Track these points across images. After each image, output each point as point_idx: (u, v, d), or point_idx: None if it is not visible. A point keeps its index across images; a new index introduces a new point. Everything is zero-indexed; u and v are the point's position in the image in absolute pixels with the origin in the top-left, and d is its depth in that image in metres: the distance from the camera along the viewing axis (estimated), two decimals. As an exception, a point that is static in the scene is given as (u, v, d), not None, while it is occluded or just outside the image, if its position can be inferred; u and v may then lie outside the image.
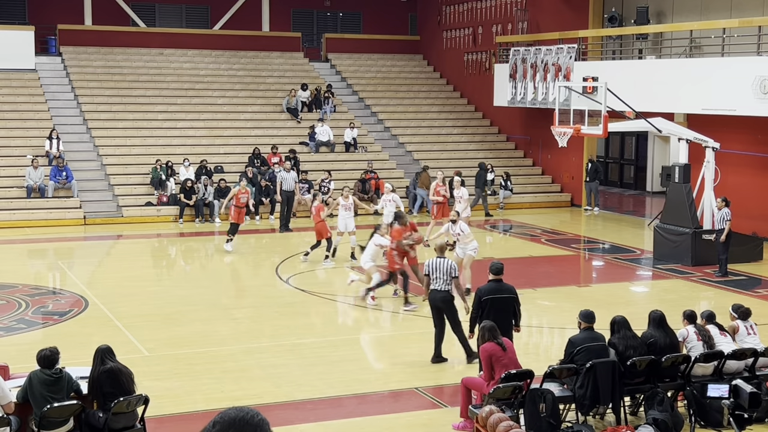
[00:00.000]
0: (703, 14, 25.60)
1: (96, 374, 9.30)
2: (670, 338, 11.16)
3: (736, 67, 22.26)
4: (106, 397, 9.19)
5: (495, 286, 11.93)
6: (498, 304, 11.73)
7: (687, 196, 20.61)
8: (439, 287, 12.93)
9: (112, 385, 9.23)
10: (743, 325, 11.67)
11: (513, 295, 11.92)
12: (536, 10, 31.46)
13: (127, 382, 9.36)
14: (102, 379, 9.25)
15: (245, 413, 3.09)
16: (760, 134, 23.34)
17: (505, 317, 11.60)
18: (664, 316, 11.36)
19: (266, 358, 13.40)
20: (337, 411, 11.39)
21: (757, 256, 20.68)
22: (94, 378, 9.31)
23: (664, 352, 10.83)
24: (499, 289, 11.92)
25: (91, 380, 9.35)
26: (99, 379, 9.26)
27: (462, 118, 34.09)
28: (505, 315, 11.65)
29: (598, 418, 10.82)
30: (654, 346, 10.94)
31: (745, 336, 11.56)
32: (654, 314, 11.38)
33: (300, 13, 38.53)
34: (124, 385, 9.29)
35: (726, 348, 11.12)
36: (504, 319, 11.50)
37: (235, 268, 21.38)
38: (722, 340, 11.30)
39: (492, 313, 11.47)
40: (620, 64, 26.94)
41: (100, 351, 9.45)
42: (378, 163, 29.86)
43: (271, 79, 33.84)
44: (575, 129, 20.37)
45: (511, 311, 11.86)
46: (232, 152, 29.26)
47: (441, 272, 12.91)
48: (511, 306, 11.87)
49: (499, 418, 8.63)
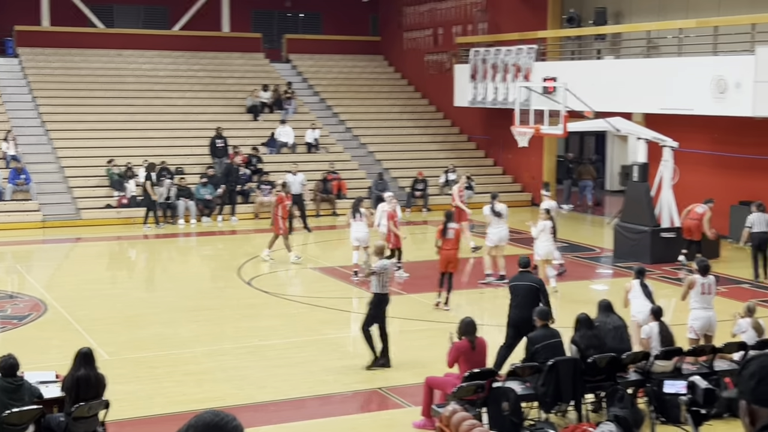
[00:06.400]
0: (660, 15, 25.88)
1: (74, 377, 9.21)
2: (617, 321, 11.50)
3: (693, 67, 22.54)
4: (76, 402, 9.11)
5: (519, 276, 12.81)
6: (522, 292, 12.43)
7: (646, 194, 20.82)
8: (386, 291, 12.95)
9: (87, 391, 9.16)
10: (700, 281, 12.05)
11: (537, 285, 12.52)
12: (496, 11, 31.62)
13: (99, 390, 9.29)
14: (80, 383, 9.17)
15: (221, 418, 3.05)
16: (718, 133, 23.65)
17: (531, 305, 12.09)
18: (610, 304, 11.67)
19: (228, 360, 13.34)
20: (300, 412, 11.37)
21: (715, 253, 20.93)
22: (71, 380, 9.22)
23: (612, 334, 11.10)
24: (523, 279, 12.65)
25: (68, 381, 9.26)
26: (78, 383, 9.17)
27: (423, 119, 34.16)
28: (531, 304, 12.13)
29: (560, 415, 10.91)
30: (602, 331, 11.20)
31: (699, 294, 12.05)
32: (602, 302, 11.74)
33: (260, 14, 38.38)
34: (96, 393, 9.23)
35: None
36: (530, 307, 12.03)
37: (196, 270, 21.26)
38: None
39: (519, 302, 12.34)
40: (579, 65, 27.16)
41: (82, 354, 9.37)
42: (340, 164, 29.82)
43: (232, 80, 33.68)
44: (535, 129, 20.50)
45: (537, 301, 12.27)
46: (193, 153, 29.08)
47: (389, 275, 12.93)
48: (535, 295, 12.32)
49: (462, 417, 8.66)
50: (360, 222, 19.00)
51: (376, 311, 12.88)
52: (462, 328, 10.63)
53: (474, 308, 16.68)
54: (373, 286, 12.95)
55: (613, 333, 11.26)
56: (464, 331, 10.59)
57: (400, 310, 17.24)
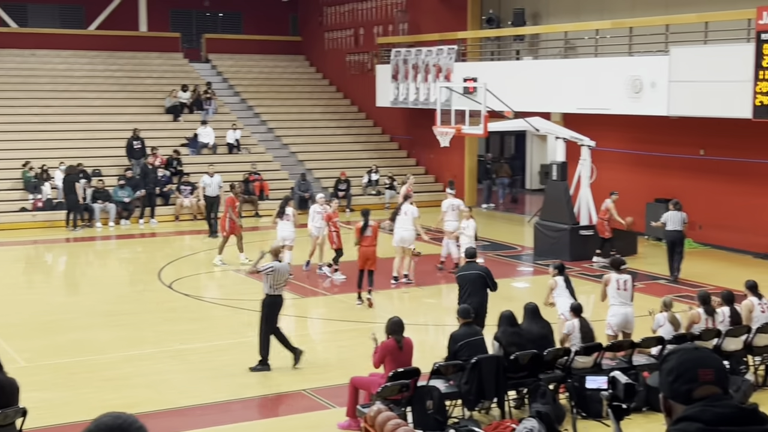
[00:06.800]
0: (577, 16, 26.31)
1: None
2: (544, 329, 11.58)
3: (609, 68, 22.96)
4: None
5: (467, 266, 13.47)
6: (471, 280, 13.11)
7: (564, 193, 21.15)
8: (279, 292, 12.87)
9: (0, 398, 8.91)
10: (615, 277, 12.30)
11: (484, 273, 13.20)
12: (416, 11, 31.77)
13: (12, 396, 9.03)
14: None
15: (123, 420, 2.93)
16: (633, 132, 24.14)
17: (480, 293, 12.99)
18: (537, 308, 11.79)
19: (149, 365, 13.13)
20: (223, 416, 11.25)
21: (633, 250, 21.38)
22: None
23: (537, 343, 11.17)
24: (471, 269, 13.29)
25: None
26: None
27: (345, 119, 34.15)
28: (480, 291, 13.00)
29: (483, 412, 11.00)
30: (528, 337, 11.29)
31: (614, 290, 12.31)
32: (528, 306, 11.81)
33: (178, 13, 37.90)
34: (8, 399, 8.97)
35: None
36: (480, 294, 12.97)
37: (115, 273, 20.90)
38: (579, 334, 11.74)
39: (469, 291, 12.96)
40: (499, 65, 27.45)
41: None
42: (262, 164, 29.63)
43: (150, 80, 33.19)
44: (456, 129, 20.65)
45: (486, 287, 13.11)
46: (110, 155, 28.57)
47: (282, 276, 12.83)
48: (483, 282, 13.08)
49: (387, 416, 8.67)
50: (287, 222, 19.01)
51: (268, 313, 12.80)
52: (389, 328, 10.62)
53: (395, 308, 16.71)
54: (264, 287, 12.88)
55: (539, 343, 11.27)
56: (391, 331, 10.58)
57: (323, 311, 17.25)
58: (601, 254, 20.15)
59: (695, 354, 3.28)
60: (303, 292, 18.24)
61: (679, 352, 3.31)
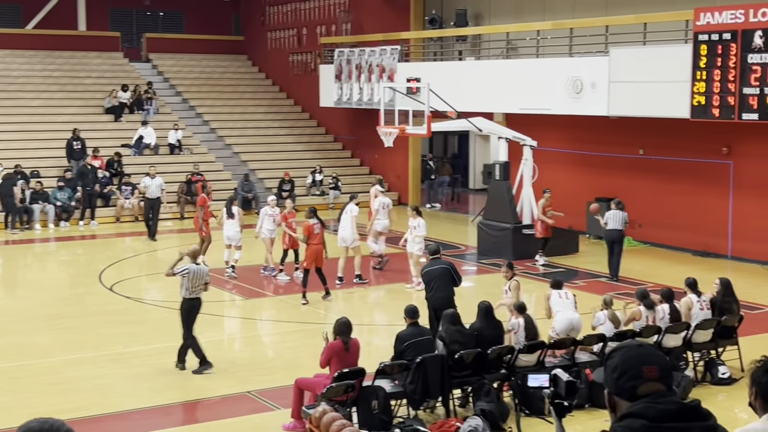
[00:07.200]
0: (518, 17, 26.54)
1: None
2: (496, 329, 11.62)
3: (551, 68, 23.20)
4: None
5: (432, 262, 13.81)
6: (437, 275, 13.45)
7: (507, 192, 21.32)
8: (196, 295, 12.73)
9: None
10: (555, 292, 12.39)
11: (450, 267, 13.56)
12: (359, 11, 31.78)
13: None
14: None
15: (50, 425, 2.94)
16: (575, 132, 24.42)
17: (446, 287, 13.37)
18: (491, 308, 11.82)
19: (91, 369, 12.96)
20: (167, 419, 11.15)
21: (574, 248, 21.63)
22: None
23: (490, 344, 11.20)
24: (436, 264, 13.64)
25: None
26: None
27: (289, 119, 34.03)
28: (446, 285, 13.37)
29: (428, 411, 11.04)
30: (481, 338, 11.32)
31: (557, 300, 12.38)
32: (482, 305, 11.81)
33: (118, 12, 37.42)
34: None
35: None
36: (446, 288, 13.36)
37: (55, 276, 20.57)
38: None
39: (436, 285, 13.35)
40: (442, 65, 27.58)
41: None
42: (205, 165, 29.38)
43: (90, 80, 32.72)
44: (400, 129, 20.69)
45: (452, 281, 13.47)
46: (49, 155, 28.11)
47: (199, 279, 12.68)
48: (450, 277, 13.43)
49: (332, 417, 8.66)
50: (232, 221, 18.91)
51: (186, 317, 12.69)
52: (337, 329, 10.60)
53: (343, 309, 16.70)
54: (180, 291, 12.76)
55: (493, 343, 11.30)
56: (339, 332, 10.56)
57: (267, 312, 17.17)
58: (543, 253, 20.33)
59: (640, 351, 3.33)
60: (246, 293, 18.14)
61: (624, 349, 3.36)
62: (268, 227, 18.86)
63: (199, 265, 12.86)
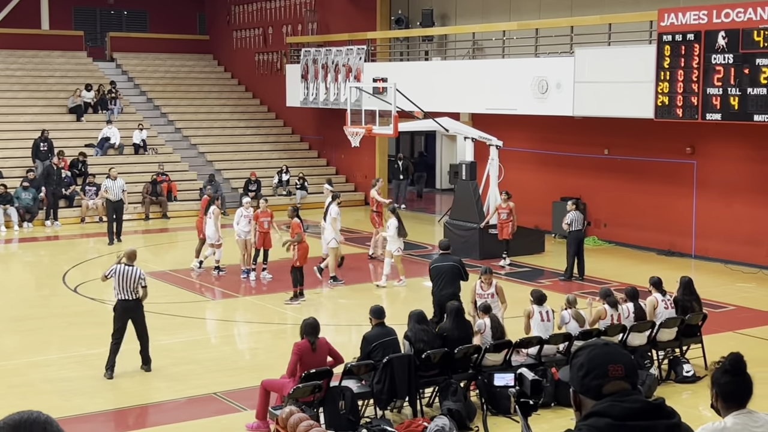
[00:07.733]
0: (485, 17, 26.60)
1: None
2: (465, 330, 11.62)
3: (516, 68, 23.28)
4: None
5: (441, 258, 14.34)
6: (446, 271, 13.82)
7: (474, 192, 21.39)
8: (127, 297, 12.54)
9: None
10: (537, 309, 12.23)
11: (458, 264, 13.91)
12: (325, 11, 31.73)
13: None
14: None
15: (29, 414, 2.93)
16: (540, 132, 24.54)
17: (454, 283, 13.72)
18: (461, 308, 11.82)
19: (55, 371, 12.83)
20: (131, 422, 11.06)
21: (540, 248, 21.73)
22: None
23: (458, 344, 11.21)
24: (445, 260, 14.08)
25: None
26: None
27: (255, 119, 33.91)
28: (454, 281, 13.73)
29: (395, 411, 11.04)
30: (449, 339, 11.33)
31: (538, 322, 12.14)
32: (451, 306, 11.82)
33: (82, 11, 37.08)
34: None
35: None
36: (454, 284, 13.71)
37: (18, 278, 20.34)
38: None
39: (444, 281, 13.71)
40: (408, 66, 27.59)
41: None
42: (170, 165, 29.19)
43: (53, 79, 32.39)
44: (367, 129, 20.69)
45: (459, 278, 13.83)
46: (12, 156, 27.79)
47: (129, 281, 12.48)
48: (458, 273, 13.80)
49: (299, 418, 8.63)
50: (209, 219, 18.90)
51: (115, 317, 12.54)
52: (304, 329, 10.56)
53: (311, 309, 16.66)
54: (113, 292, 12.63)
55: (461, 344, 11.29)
56: (306, 332, 10.52)
57: (234, 313, 17.09)
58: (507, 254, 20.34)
59: (605, 350, 3.34)
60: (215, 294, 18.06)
61: (590, 348, 3.37)
62: (243, 228, 18.79)
63: (133, 267, 12.56)
